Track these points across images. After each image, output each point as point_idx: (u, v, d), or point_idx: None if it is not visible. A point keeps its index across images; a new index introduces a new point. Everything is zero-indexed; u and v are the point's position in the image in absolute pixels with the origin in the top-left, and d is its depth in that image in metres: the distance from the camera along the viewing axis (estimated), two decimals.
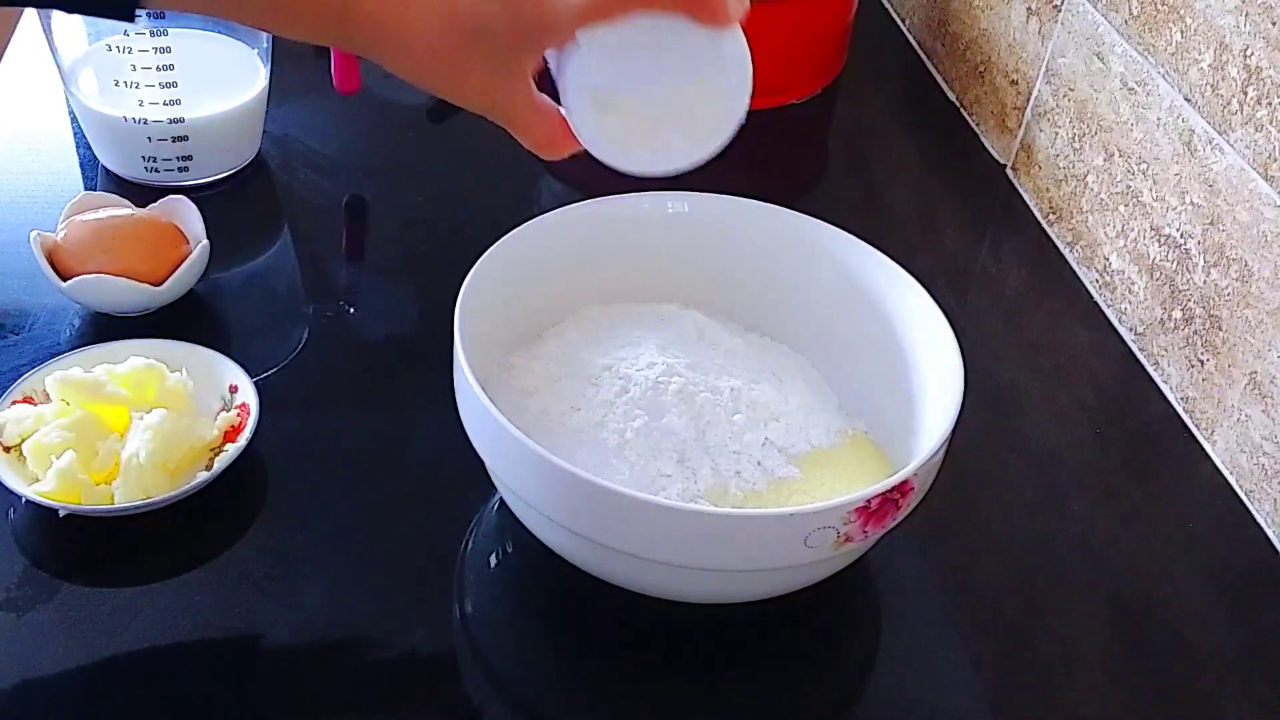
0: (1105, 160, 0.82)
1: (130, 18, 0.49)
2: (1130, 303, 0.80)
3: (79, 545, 0.61)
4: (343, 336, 0.75)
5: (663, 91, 0.51)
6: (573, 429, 0.60)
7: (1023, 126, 0.92)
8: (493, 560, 0.63)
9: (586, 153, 0.54)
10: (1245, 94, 0.68)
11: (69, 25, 0.81)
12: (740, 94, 0.51)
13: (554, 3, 0.48)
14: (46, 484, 0.60)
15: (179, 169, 0.83)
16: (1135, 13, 0.78)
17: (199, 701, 0.56)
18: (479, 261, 0.61)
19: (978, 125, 1.00)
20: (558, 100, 0.53)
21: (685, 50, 0.49)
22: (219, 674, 0.57)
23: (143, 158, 0.83)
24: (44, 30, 0.81)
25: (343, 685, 0.57)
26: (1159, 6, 0.75)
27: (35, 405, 0.64)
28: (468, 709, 0.57)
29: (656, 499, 0.54)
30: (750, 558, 0.53)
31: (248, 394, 0.66)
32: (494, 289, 0.62)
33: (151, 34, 0.77)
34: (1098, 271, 0.84)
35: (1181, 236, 0.74)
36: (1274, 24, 0.65)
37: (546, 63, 0.53)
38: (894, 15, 1.16)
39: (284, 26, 0.52)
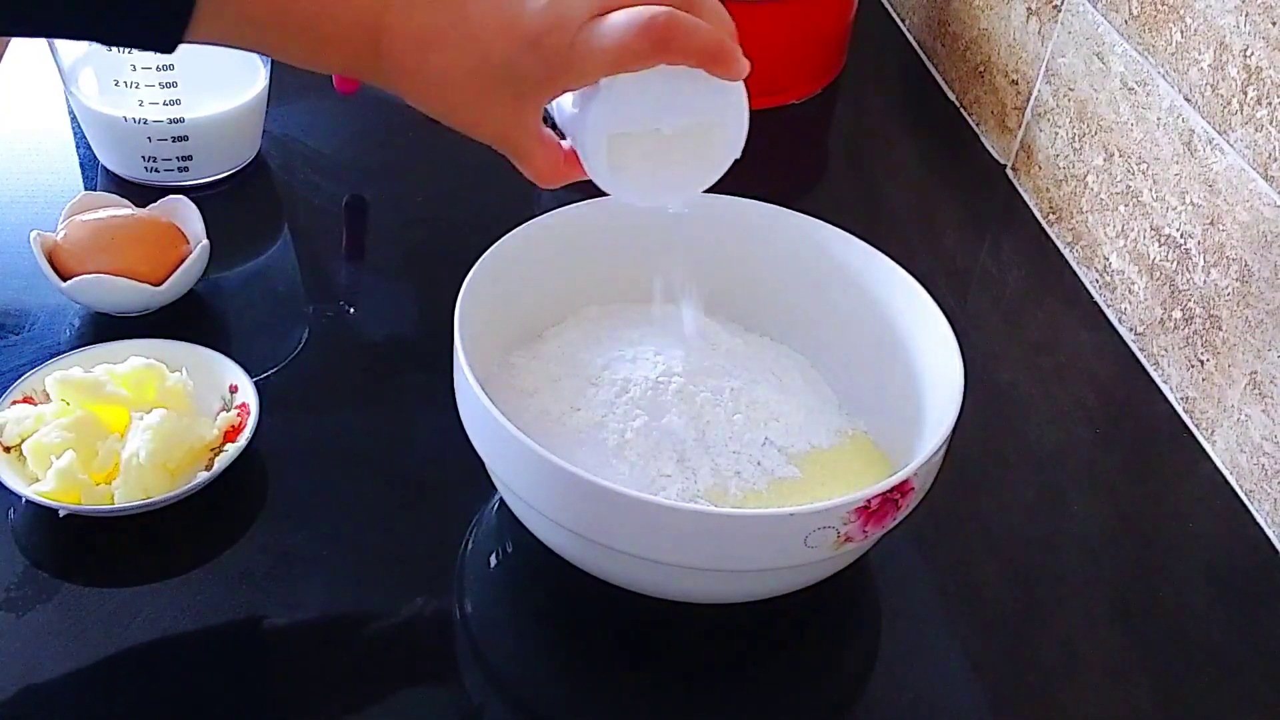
0: (1105, 160, 0.82)
1: (171, 50, 0.49)
2: (1130, 303, 0.80)
3: (79, 545, 0.61)
4: (343, 336, 0.75)
5: (673, 134, 0.53)
6: (573, 429, 0.60)
7: (1023, 126, 0.92)
8: (493, 560, 0.63)
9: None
10: (1245, 94, 0.68)
11: None
12: (738, 134, 0.54)
13: (582, 50, 0.49)
14: (46, 484, 0.60)
15: (179, 169, 0.83)
16: (1135, 13, 0.78)
17: (199, 701, 0.56)
18: (479, 261, 0.61)
19: (978, 125, 1.00)
20: (557, 132, 0.55)
21: (698, 97, 0.52)
22: (219, 674, 0.57)
23: (143, 158, 0.83)
24: None
25: (342, 685, 0.57)
26: (1159, 6, 0.75)
27: (35, 405, 0.64)
28: (468, 709, 0.57)
29: (656, 499, 0.54)
30: (750, 558, 0.53)
31: (248, 394, 0.66)
32: (494, 289, 0.62)
33: None
34: (1098, 271, 0.84)
35: (1181, 236, 0.74)
36: (1274, 24, 0.65)
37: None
38: (894, 15, 1.16)
39: (318, 63, 0.53)
